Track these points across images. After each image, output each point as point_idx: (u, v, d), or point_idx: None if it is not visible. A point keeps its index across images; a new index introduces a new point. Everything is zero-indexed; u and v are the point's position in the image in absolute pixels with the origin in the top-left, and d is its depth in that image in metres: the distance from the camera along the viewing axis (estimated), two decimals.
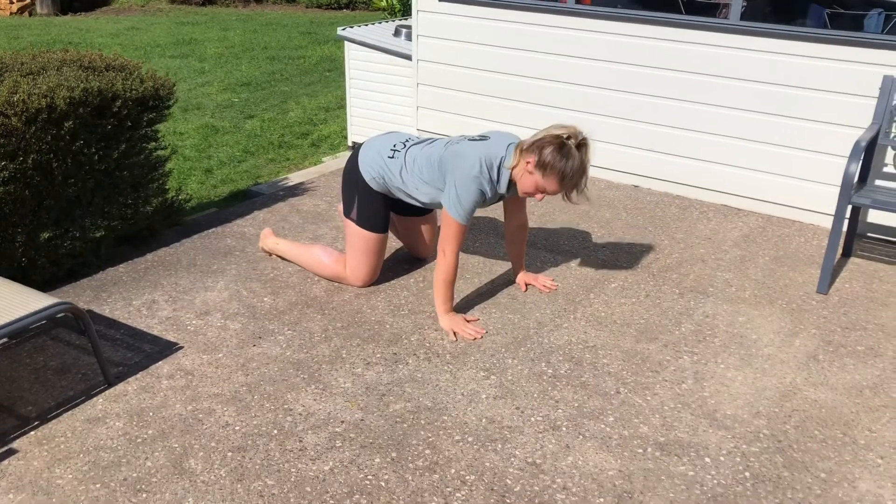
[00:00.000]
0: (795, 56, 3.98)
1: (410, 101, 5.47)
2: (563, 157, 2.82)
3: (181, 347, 2.96)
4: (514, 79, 4.89)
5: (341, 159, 5.67)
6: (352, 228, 3.29)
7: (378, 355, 2.93)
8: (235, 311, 3.22)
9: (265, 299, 3.32)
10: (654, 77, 4.41)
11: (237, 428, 2.53)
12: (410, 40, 5.40)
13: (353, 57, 5.75)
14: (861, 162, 3.45)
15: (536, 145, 2.87)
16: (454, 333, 3.06)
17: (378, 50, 5.59)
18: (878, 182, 3.90)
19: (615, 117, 4.61)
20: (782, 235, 4.03)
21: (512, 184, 3.03)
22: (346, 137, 6.30)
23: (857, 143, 3.36)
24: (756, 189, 4.29)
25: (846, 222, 3.76)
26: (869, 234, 4.04)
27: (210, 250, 3.75)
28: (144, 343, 2.98)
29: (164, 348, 2.95)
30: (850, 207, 3.64)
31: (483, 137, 3.05)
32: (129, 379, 2.77)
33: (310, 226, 4.04)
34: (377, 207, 3.26)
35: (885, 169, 3.89)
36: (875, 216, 3.99)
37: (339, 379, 2.79)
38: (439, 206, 3.12)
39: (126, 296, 3.32)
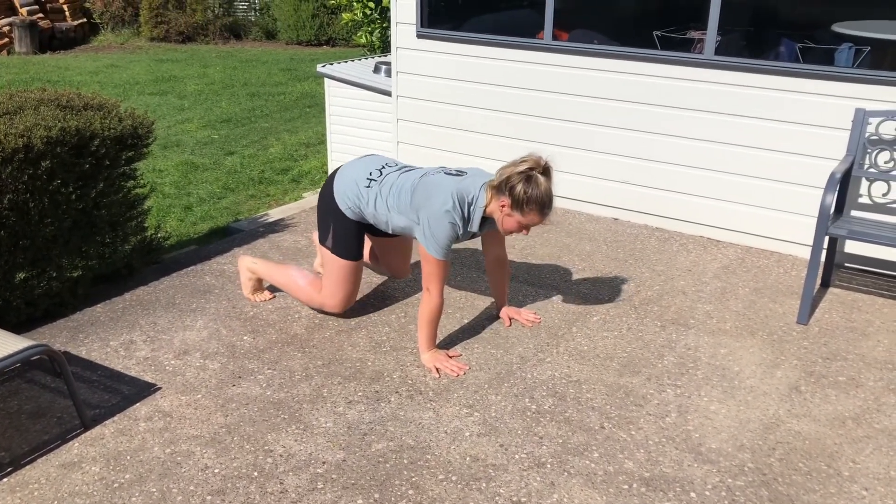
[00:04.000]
0: (769, 89, 4.05)
1: (390, 136, 5.49)
2: (535, 190, 2.82)
3: (159, 388, 2.91)
4: (494, 114, 4.93)
5: None
6: (327, 256, 3.28)
7: (360, 393, 2.90)
8: (215, 350, 3.18)
9: (245, 338, 3.28)
10: (632, 111, 4.47)
11: (216, 471, 2.48)
12: (390, 77, 5.44)
13: (334, 93, 5.78)
14: (837, 193, 3.50)
15: (505, 185, 2.86)
16: (437, 370, 3.03)
17: (358, 86, 5.62)
18: (854, 213, 3.95)
19: (594, 151, 4.65)
20: (761, 266, 4.06)
21: (486, 221, 3.03)
22: (326, 173, 6.31)
23: (832, 175, 3.40)
24: (734, 221, 4.33)
25: (824, 253, 3.79)
26: (847, 265, 4.07)
27: (189, 289, 3.71)
28: (122, 384, 2.94)
29: (142, 390, 2.90)
30: (827, 238, 3.68)
31: (460, 172, 3.05)
32: (106, 422, 2.72)
33: (290, 262, 4.02)
34: (352, 235, 3.24)
35: (861, 200, 3.94)
36: (852, 246, 4.03)
37: (321, 418, 2.75)
38: (412, 234, 3.12)
39: (103, 336, 3.27)
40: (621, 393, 2.93)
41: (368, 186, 3.14)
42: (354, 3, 8.96)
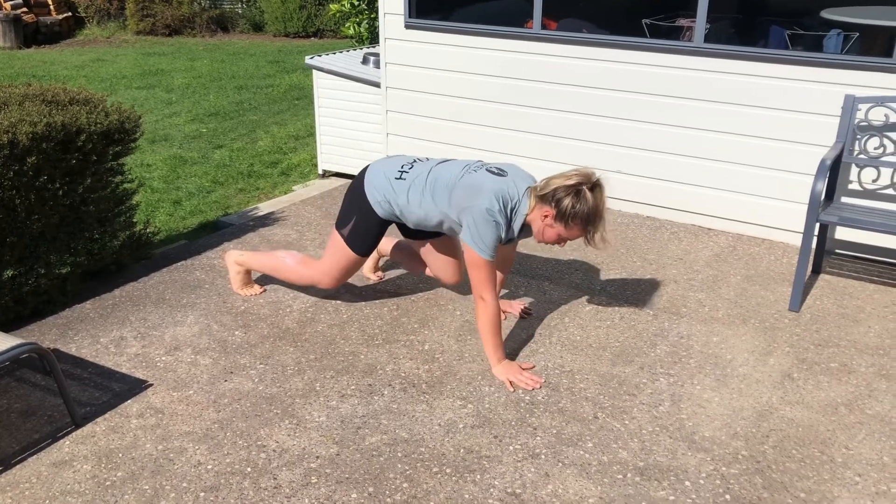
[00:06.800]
0: (759, 77, 4.04)
1: (380, 128, 5.46)
2: (582, 205, 2.76)
3: (151, 385, 2.89)
4: (483, 104, 4.91)
5: (312, 188, 5.64)
6: (338, 242, 3.21)
7: (353, 387, 2.89)
8: (206, 345, 3.16)
9: (236, 333, 3.26)
10: (621, 100, 4.45)
11: (209, 467, 2.47)
12: (379, 68, 5.41)
13: (322, 85, 5.74)
14: (827, 180, 3.50)
15: (552, 196, 2.79)
16: (511, 383, 2.92)
17: (347, 78, 5.59)
18: (845, 199, 3.96)
19: (584, 140, 4.64)
20: (753, 254, 4.06)
21: (523, 227, 2.96)
22: (316, 165, 6.27)
23: (822, 162, 3.40)
24: (725, 208, 4.33)
25: (815, 240, 3.79)
26: (837, 251, 4.08)
27: (179, 284, 3.69)
28: (113, 381, 2.91)
29: (133, 386, 2.88)
30: (818, 225, 3.68)
31: (501, 171, 2.95)
32: (98, 419, 2.70)
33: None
34: (372, 233, 3.16)
35: (851, 186, 3.94)
36: (842, 233, 4.04)
37: (314, 413, 2.74)
38: (449, 230, 3.05)
39: (93, 333, 3.25)
40: (615, 382, 2.93)
41: (400, 178, 3.06)
42: None
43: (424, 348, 3.16)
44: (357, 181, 3.19)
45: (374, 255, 3.70)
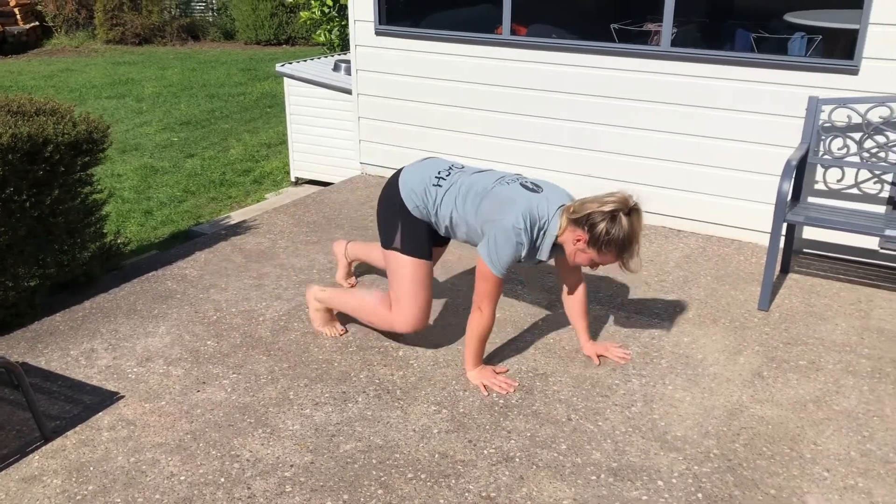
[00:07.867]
0: (725, 80, 4.10)
1: (352, 134, 5.46)
2: (617, 231, 2.64)
3: (122, 397, 2.87)
4: (454, 110, 4.93)
5: (284, 195, 5.62)
6: (397, 260, 3.01)
7: (326, 395, 2.89)
8: (178, 356, 3.14)
9: (208, 343, 3.24)
10: (590, 104, 4.49)
11: (182, 478, 2.45)
12: (350, 75, 5.41)
13: (294, 93, 5.74)
14: (793, 180, 3.55)
15: (586, 220, 2.67)
16: (485, 387, 2.92)
17: (318, 85, 5.59)
18: (811, 199, 4.02)
19: (555, 145, 4.67)
20: (722, 255, 4.11)
21: (555, 247, 2.85)
22: (288, 173, 6.26)
23: (788, 163, 3.46)
24: (694, 210, 4.38)
25: (782, 240, 3.85)
26: (805, 250, 4.15)
27: (150, 294, 3.66)
28: (83, 394, 2.88)
29: (104, 398, 2.86)
30: (785, 225, 3.73)
31: (536, 187, 2.84)
32: (68, 433, 2.67)
33: (253, 265, 3.98)
34: (422, 233, 3.01)
35: (817, 186, 4.01)
36: (809, 232, 4.10)
37: (287, 421, 2.73)
38: (472, 242, 2.96)
39: (63, 345, 3.21)
40: (587, 384, 2.95)
41: (437, 185, 2.94)
42: (312, 2, 8.88)
43: (398, 354, 3.16)
44: (389, 189, 3.06)
45: (345, 261, 3.69)
